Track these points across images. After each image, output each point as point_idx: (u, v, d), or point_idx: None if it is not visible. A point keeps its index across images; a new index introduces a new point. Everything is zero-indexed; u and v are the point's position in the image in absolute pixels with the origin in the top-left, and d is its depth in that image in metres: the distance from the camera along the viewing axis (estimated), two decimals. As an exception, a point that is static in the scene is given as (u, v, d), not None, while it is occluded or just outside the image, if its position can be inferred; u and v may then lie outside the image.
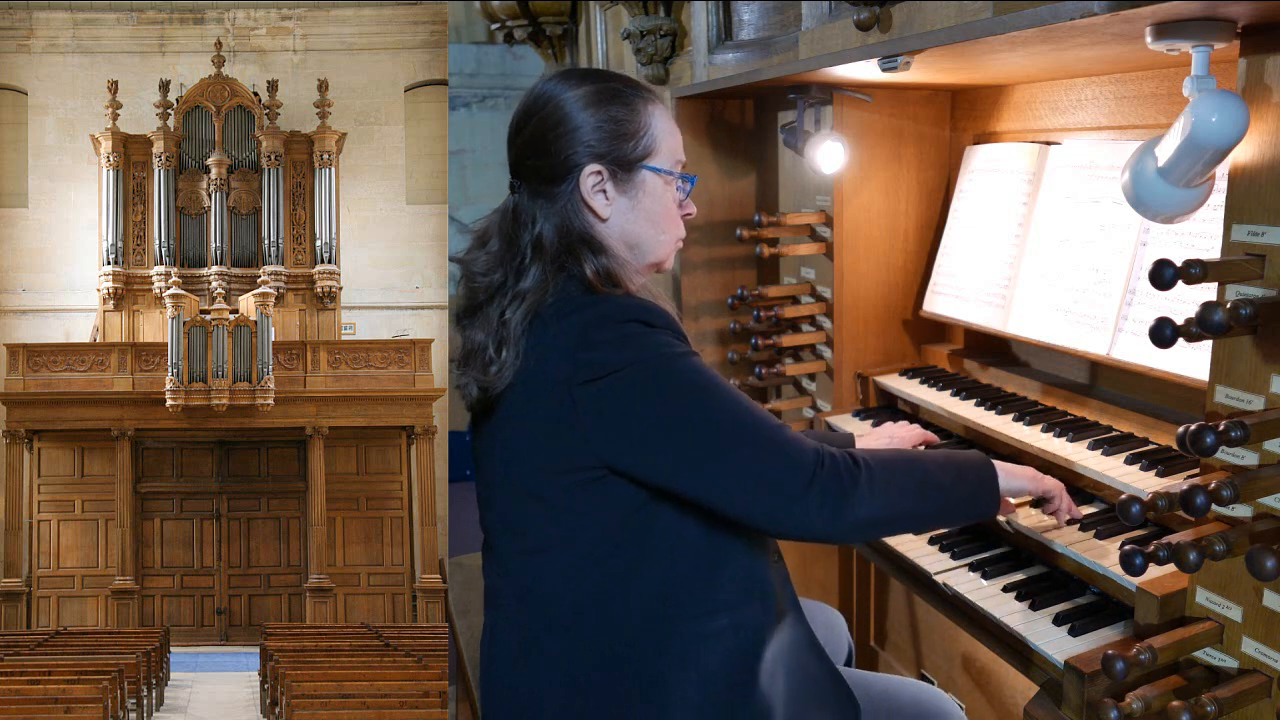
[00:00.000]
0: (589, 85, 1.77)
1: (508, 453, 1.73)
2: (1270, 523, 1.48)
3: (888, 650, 3.10)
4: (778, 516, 1.61)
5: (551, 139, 1.74)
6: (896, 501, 1.66)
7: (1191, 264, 1.43)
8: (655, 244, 1.81)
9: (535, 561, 1.73)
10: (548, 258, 1.71)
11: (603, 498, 1.65)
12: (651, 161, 1.78)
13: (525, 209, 1.77)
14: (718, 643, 1.70)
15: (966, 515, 1.85)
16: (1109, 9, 1.45)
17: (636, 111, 1.77)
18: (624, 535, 1.67)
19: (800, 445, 1.61)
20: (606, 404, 1.61)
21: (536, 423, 1.66)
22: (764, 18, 3.27)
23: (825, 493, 1.59)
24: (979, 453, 1.85)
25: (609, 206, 1.76)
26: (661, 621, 1.68)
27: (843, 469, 1.61)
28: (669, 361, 1.63)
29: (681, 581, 1.69)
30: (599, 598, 1.69)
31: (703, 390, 1.62)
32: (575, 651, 1.71)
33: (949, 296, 2.76)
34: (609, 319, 1.64)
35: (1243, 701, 1.48)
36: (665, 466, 1.62)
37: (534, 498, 1.70)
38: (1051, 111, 2.53)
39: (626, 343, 1.62)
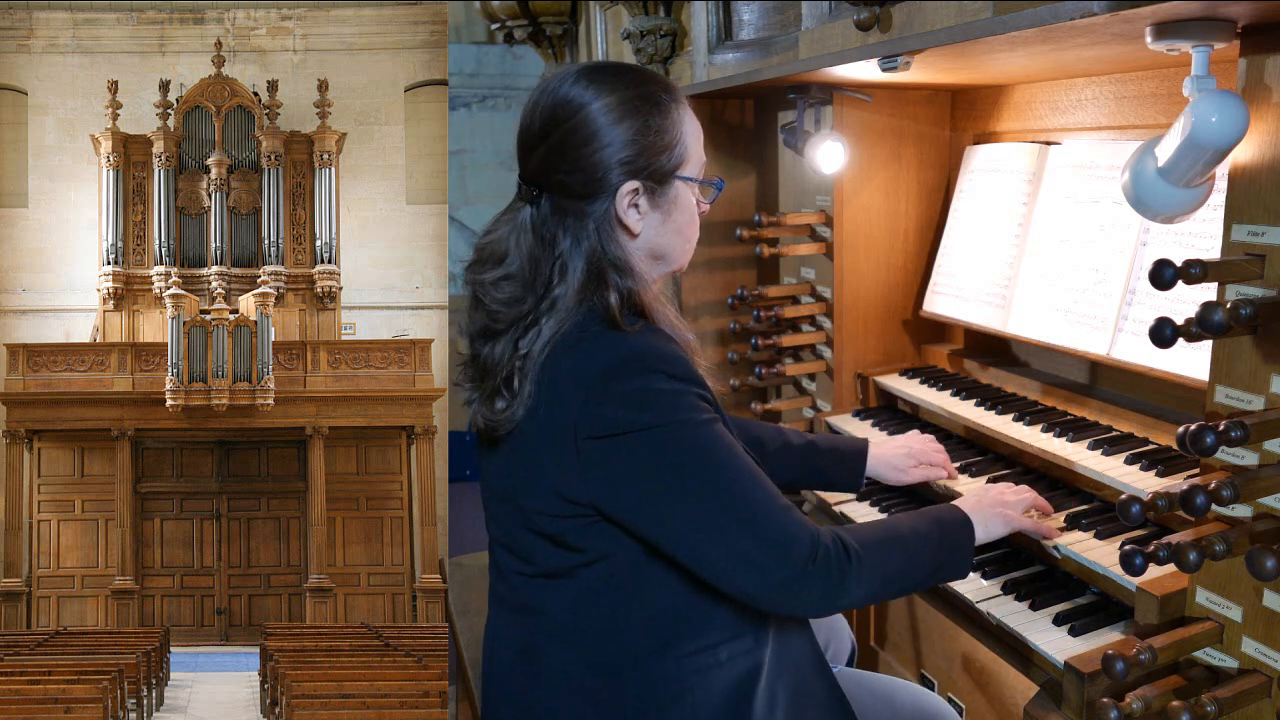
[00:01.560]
0: (621, 91, 1.65)
1: (511, 486, 1.70)
2: (1270, 523, 1.48)
3: (888, 650, 3.10)
4: (765, 601, 1.63)
5: (585, 154, 1.64)
6: (881, 587, 1.71)
7: (1191, 264, 1.43)
8: (680, 253, 1.78)
9: (536, 584, 1.72)
10: (571, 287, 1.62)
11: (605, 538, 1.63)
12: (683, 171, 1.71)
13: (548, 225, 1.66)
14: (715, 673, 1.69)
15: (943, 580, 1.88)
16: (1109, 9, 1.45)
17: (671, 119, 1.68)
18: (624, 578, 1.65)
19: (798, 536, 1.59)
20: (613, 462, 1.57)
21: (540, 464, 1.62)
22: (764, 18, 3.26)
23: (815, 583, 1.60)
24: (960, 513, 1.84)
25: (641, 222, 1.68)
26: (659, 655, 1.68)
27: (834, 560, 1.61)
28: (688, 431, 1.57)
29: (680, 620, 1.68)
30: (599, 627, 1.68)
31: (710, 464, 1.58)
32: (576, 664, 1.71)
33: (949, 296, 2.76)
34: (628, 367, 1.57)
35: (1243, 701, 1.48)
36: (660, 535, 1.60)
37: (536, 532, 1.67)
38: (1051, 111, 2.53)
39: (646, 403, 1.56)
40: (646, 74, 1.74)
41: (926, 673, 2.91)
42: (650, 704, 1.67)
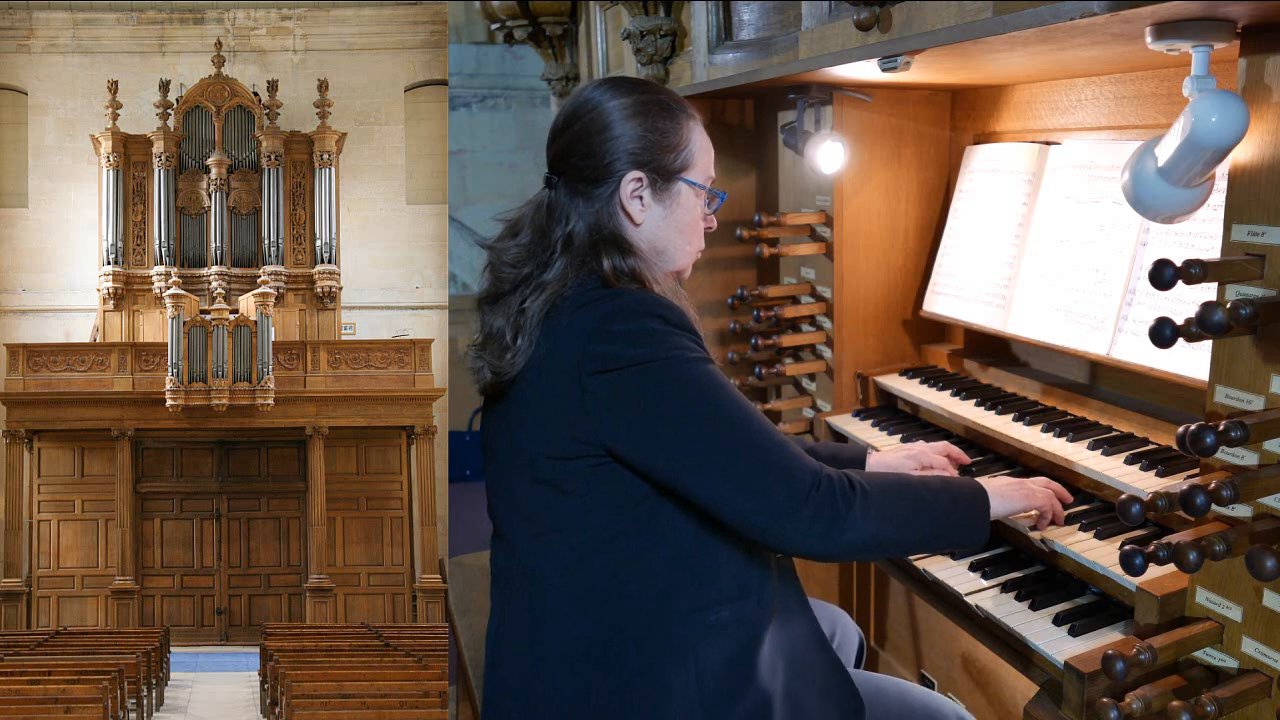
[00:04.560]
0: (637, 95, 1.83)
1: (518, 436, 1.77)
2: (1270, 523, 1.48)
3: (888, 650, 3.10)
4: (768, 529, 1.64)
5: (597, 142, 1.81)
6: (888, 528, 1.69)
7: (1191, 264, 1.43)
8: (680, 252, 1.88)
9: (543, 543, 1.76)
10: (574, 253, 1.77)
11: (609, 483, 1.69)
12: (688, 175, 1.85)
13: (561, 205, 1.83)
14: (717, 636, 1.72)
15: (955, 543, 1.89)
16: (1109, 9, 1.45)
17: (680, 126, 1.84)
18: (629, 523, 1.70)
19: (800, 464, 1.65)
20: (616, 396, 1.66)
21: (546, 408, 1.71)
22: (764, 18, 3.27)
23: (818, 513, 1.62)
24: (975, 481, 1.86)
25: (644, 212, 1.82)
26: (661, 614, 1.71)
27: (838, 491, 1.64)
28: (683, 365, 1.67)
29: (682, 575, 1.72)
30: (602, 586, 1.72)
31: (712, 396, 1.66)
32: (579, 640, 1.73)
33: (949, 296, 2.76)
34: (628, 311, 1.69)
35: (1243, 701, 1.48)
36: (665, 464, 1.66)
37: (543, 481, 1.73)
38: (1051, 111, 2.53)
39: (643, 339, 1.67)
40: (667, 90, 1.92)
41: (926, 673, 2.91)
42: (654, 665, 1.70)
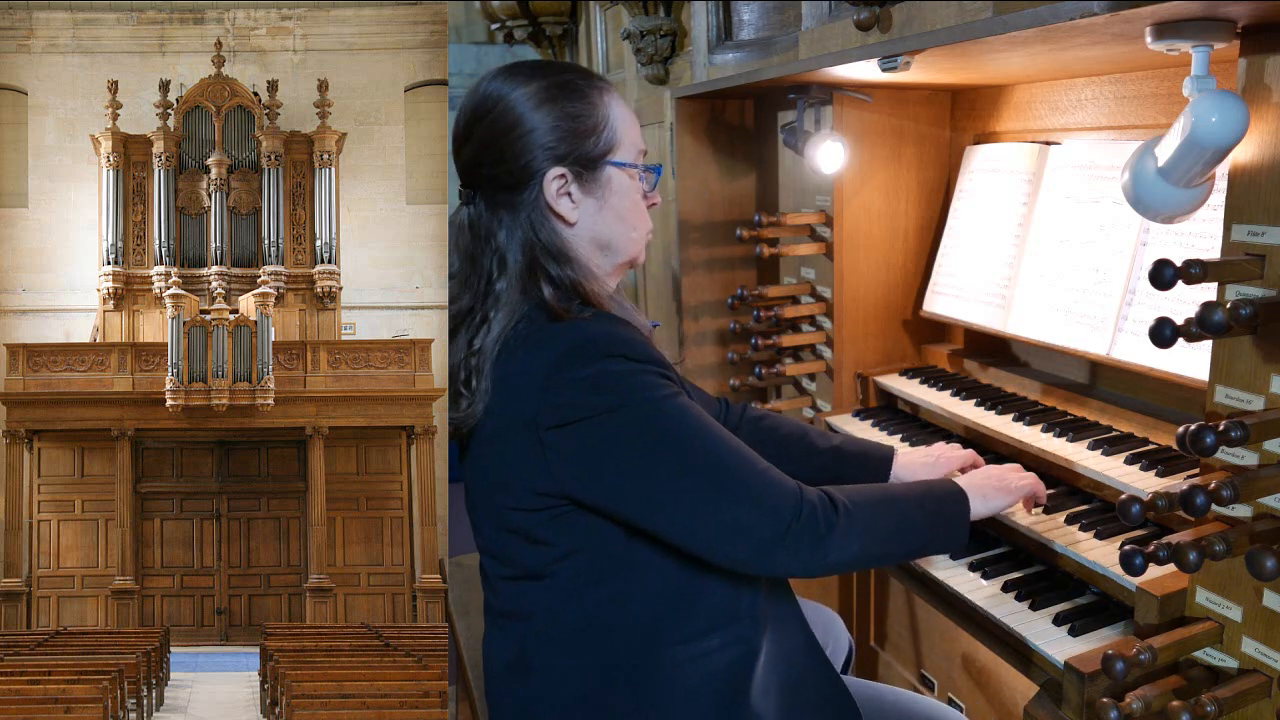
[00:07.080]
0: (539, 80, 1.66)
1: (484, 484, 1.70)
2: (1270, 523, 1.48)
3: (887, 650, 3.10)
4: (753, 562, 1.61)
5: (506, 144, 1.65)
6: (871, 543, 1.66)
7: (1191, 264, 1.43)
8: (627, 241, 1.73)
9: (520, 588, 1.71)
10: (511, 277, 1.64)
11: (582, 530, 1.62)
12: (615, 156, 1.69)
13: (484, 222, 1.69)
14: (706, 663, 1.68)
15: (938, 550, 1.87)
16: (1109, 9, 1.45)
17: (594, 105, 1.67)
18: (608, 566, 1.64)
19: (779, 492, 1.59)
20: (581, 449, 1.56)
21: (506, 460, 1.62)
22: (764, 18, 3.27)
23: (801, 539, 1.58)
24: (955, 485, 1.83)
25: (576, 210, 1.68)
26: (650, 649, 1.66)
27: (820, 515, 1.60)
28: (650, 407, 1.56)
29: (669, 608, 1.67)
30: (584, 627, 1.67)
31: (684, 437, 1.57)
32: (567, 670, 1.70)
33: (949, 296, 2.76)
34: (582, 353, 1.56)
35: (1243, 701, 1.48)
36: (643, 514, 1.59)
37: (513, 531, 1.67)
38: (1051, 111, 2.53)
39: (603, 384, 1.55)
40: (565, 65, 1.75)
41: (926, 673, 2.91)
42: (645, 698, 1.66)
